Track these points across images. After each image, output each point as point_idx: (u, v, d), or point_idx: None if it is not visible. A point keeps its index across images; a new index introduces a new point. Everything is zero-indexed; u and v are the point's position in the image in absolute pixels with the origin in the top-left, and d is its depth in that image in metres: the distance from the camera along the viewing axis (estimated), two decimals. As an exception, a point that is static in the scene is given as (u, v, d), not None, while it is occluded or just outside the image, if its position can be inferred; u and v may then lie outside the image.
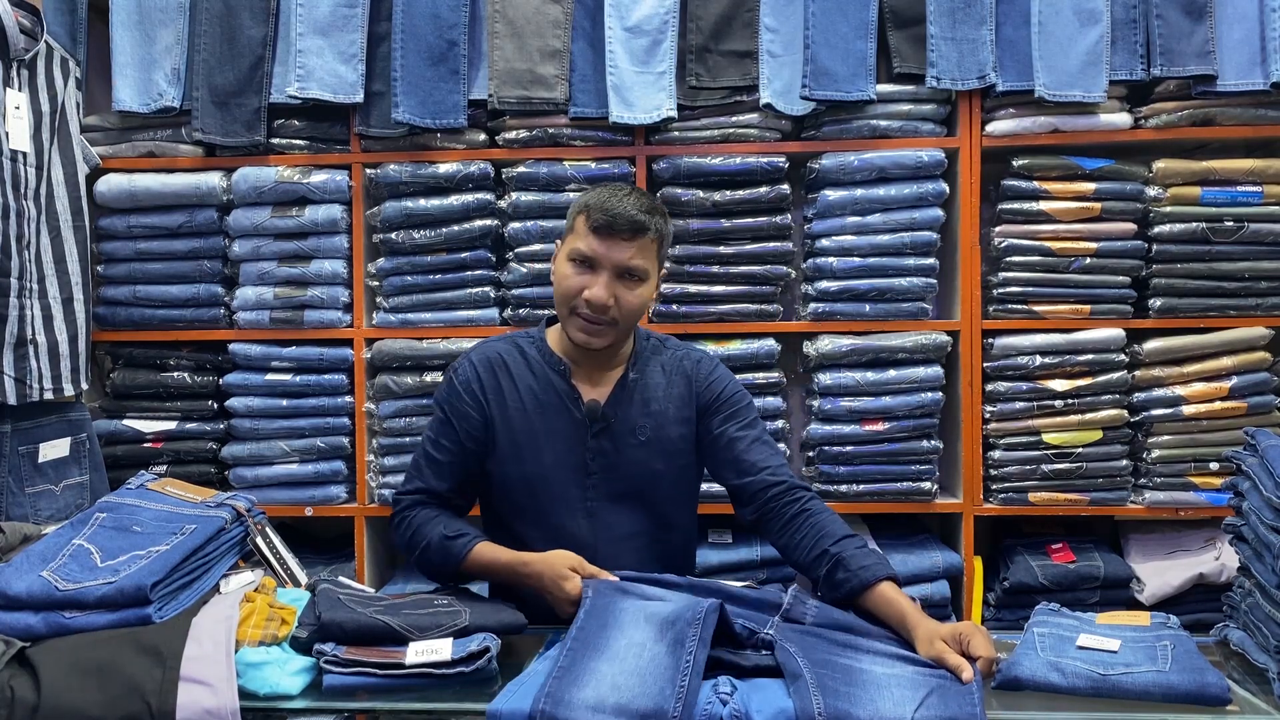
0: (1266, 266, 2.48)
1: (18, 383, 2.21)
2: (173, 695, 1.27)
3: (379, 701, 1.35)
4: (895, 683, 1.27)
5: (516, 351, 1.80)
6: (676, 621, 1.34)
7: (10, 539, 1.57)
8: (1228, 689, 1.33)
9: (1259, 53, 2.44)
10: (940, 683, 1.27)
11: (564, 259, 1.70)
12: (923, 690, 1.25)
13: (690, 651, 1.25)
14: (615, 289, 1.66)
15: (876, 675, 1.28)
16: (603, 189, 1.70)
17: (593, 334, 1.69)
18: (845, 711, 1.19)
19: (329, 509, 2.63)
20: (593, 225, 1.65)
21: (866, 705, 1.21)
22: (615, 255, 1.65)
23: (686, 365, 1.80)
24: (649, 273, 1.70)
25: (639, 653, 1.28)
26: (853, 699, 1.22)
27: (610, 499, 1.75)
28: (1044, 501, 2.51)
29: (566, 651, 1.30)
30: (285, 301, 2.60)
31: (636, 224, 1.65)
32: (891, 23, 2.56)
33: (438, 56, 2.55)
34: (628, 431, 1.75)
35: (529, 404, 1.75)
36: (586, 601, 1.43)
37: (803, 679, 1.25)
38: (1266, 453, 1.50)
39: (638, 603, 1.43)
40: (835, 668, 1.29)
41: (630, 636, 1.33)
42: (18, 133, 2.23)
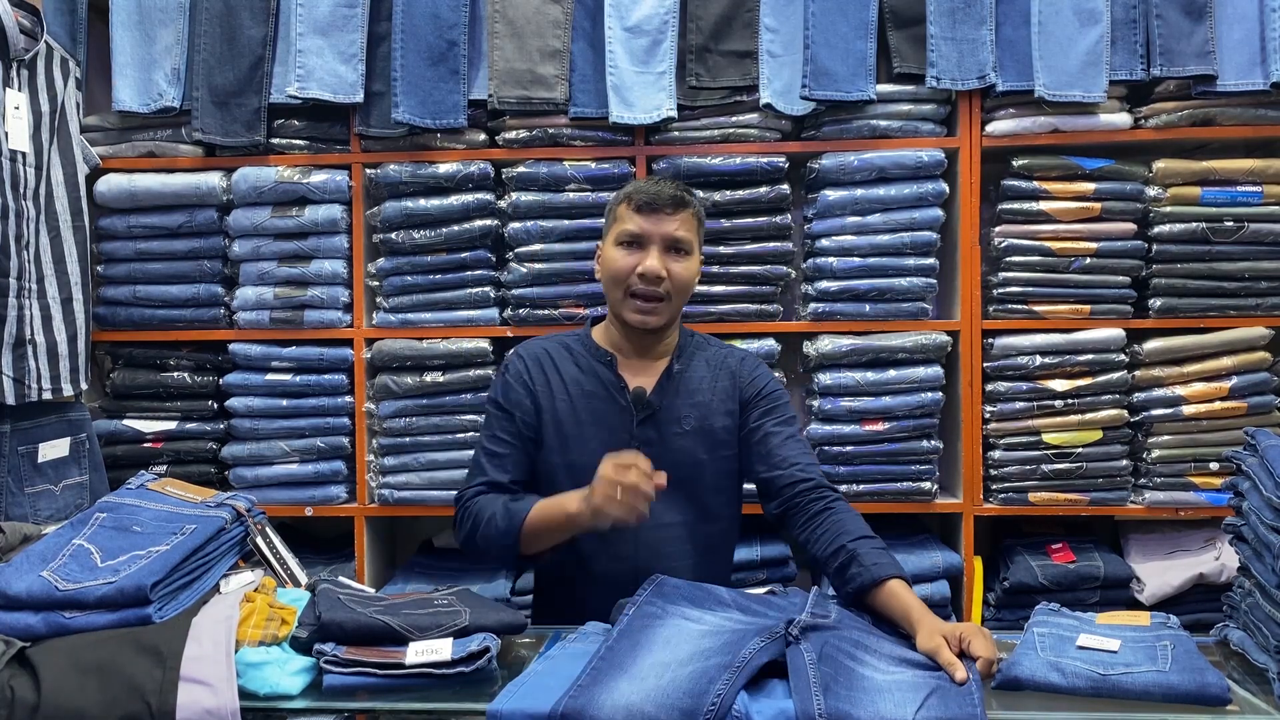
0: (1266, 266, 2.48)
1: (16, 383, 2.21)
2: (173, 695, 1.27)
3: (379, 701, 1.35)
4: (896, 686, 1.27)
5: (562, 347, 1.88)
6: (710, 656, 1.30)
7: (10, 539, 1.57)
8: (1228, 689, 1.33)
9: (1259, 53, 2.44)
10: (940, 684, 1.27)
11: (611, 245, 1.80)
12: (923, 692, 1.25)
13: (719, 694, 1.21)
14: (665, 261, 1.76)
15: (878, 681, 1.28)
16: (636, 180, 1.83)
17: (648, 312, 1.77)
18: (845, 712, 1.19)
19: (329, 509, 2.64)
20: (636, 206, 1.76)
21: (867, 706, 1.21)
22: (663, 229, 1.76)
23: (731, 361, 1.88)
24: (694, 246, 1.80)
25: (660, 673, 1.26)
26: (853, 701, 1.22)
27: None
28: (1044, 501, 2.51)
29: (590, 670, 1.28)
30: (285, 301, 2.60)
31: (678, 199, 1.77)
32: (891, 23, 2.56)
33: (438, 56, 2.56)
34: (673, 420, 1.80)
35: (575, 395, 1.81)
36: (624, 620, 1.41)
37: (804, 677, 1.24)
38: (1266, 453, 1.50)
39: (676, 623, 1.41)
40: (839, 669, 1.29)
41: (657, 656, 1.31)
42: (17, 133, 2.23)
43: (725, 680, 1.23)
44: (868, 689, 1.26)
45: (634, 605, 1.45)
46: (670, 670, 1.27)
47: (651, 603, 1.47)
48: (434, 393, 2.58)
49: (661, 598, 1.49)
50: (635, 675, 1.27)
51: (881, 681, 1.28)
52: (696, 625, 1.41)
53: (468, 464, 2.57)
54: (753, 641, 1.31)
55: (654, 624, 1.40)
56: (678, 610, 1.45)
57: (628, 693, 1.22)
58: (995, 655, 1.35)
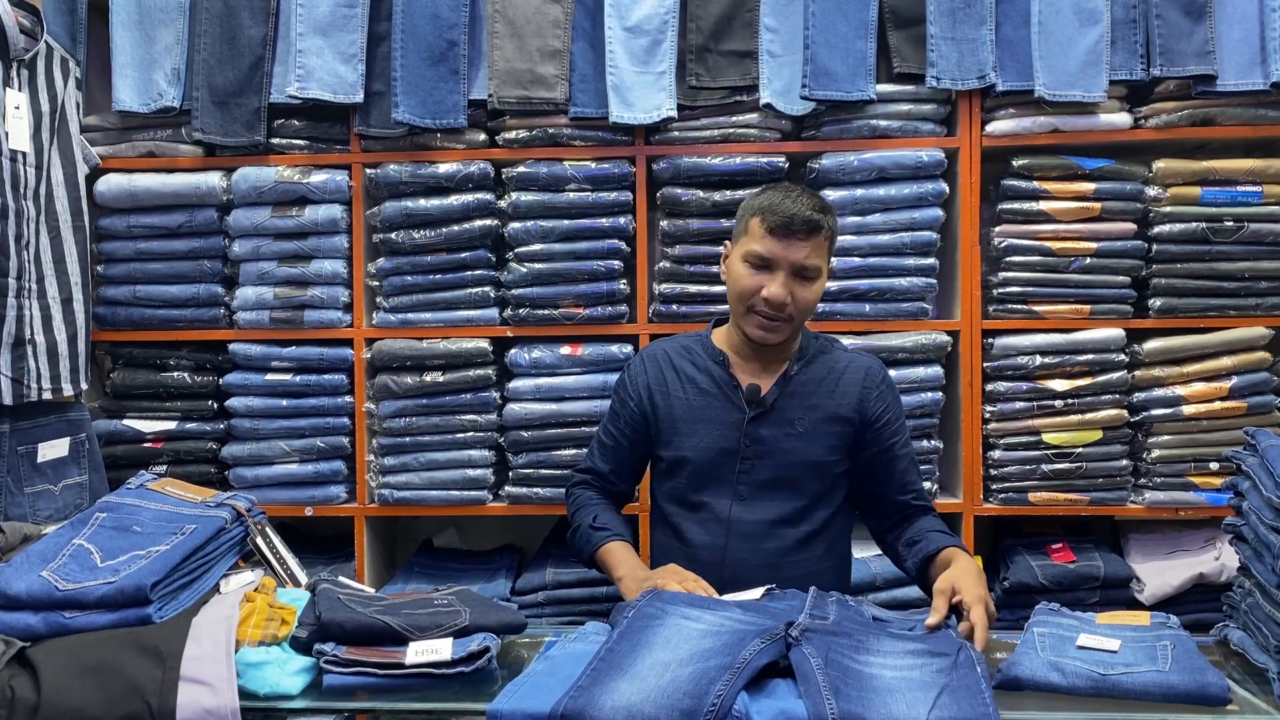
0: (1266, 266, 2.48)
1: (14, 383, 2.21)
2: (173, 695, 1.27)
3: (379, 701, 1.35)
4: (906, 685, 1.27)
5: (682, 348, 1.92)
6: (710, 657, 1.30)
7: (10, 539, 1.57)
8: (1228, 689, 1.33)
9: (1259, 53, 2.44)
10: (949, 682, 1.27)
11: (738, 260, 1.78)
12: (933, 690, 1.24)
13: (719, 694, 1.22)
14: (791, 287, 1.74)
15: (886, 680, 1.28)
16: (773, 190, 1.78)
17: (770, 330, 1.77)
18: (858, 715, 1.19)
19: (329, 509, 2.64)
20: (769, 227, 1.72)
21: (879, 708, 1.21)
22: (792, 255, 1.72)
23: (855, 370, 1.87)
24: (821, 270, 1.77)
25: (660, 673, 1.26)
26: (865, 702, 1.22)
27: (760, 486, 1.80)
28: (1044, 501, 2.51)
29: (590, 671, 1.28)
30: (285, 301, 2.60)
31: (812, 224, 1.72)
32: (891, 23, 2.56)
33: (438, 56, 2.56)
34: (786, 421, 1.81)
35: (690, 393, 1.85)
36: (624, 622, 1.41)
37: (814, 681, 1.24)
38: (1266, 453, 1.50)
39: (676, 623, 1.41)
40: (848, 672, 1.28)
41: (657, 656, 1.31)
42: (17, 133, 2.23)
43: (725, 681, 1.23)
44: (878, 689, 1.25)
45: (633, 608, 1.45)
46: (670, 670, 1.26)
47: (651, 605, 1.46)
48: (434, 393, 2.58)
49: (661, 600, 1.48)
50: (635, 675, 1.26)
51: (891, 680, 1.28)
52: (696, 625, 1.40)
53: (468, 464, 2.62)
54: (753, 643, 1.31)
55: (653, 625, 1.40)
56: (677, 610, 1.44)
57: (628, 693, 1.22)
58: (984, 632, 1.44)
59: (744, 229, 1.78)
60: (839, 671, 1.28)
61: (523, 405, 2.57)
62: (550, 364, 2.57)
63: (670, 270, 2.57)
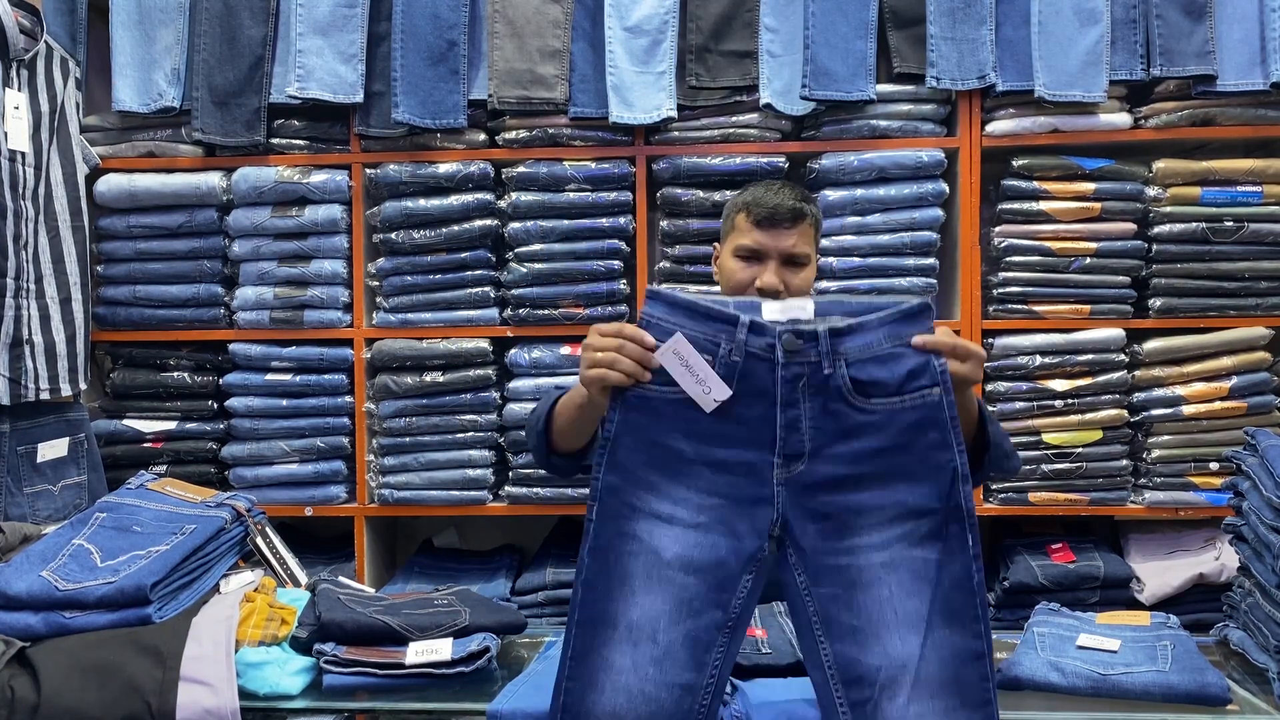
0: (1266, 266, 2.48)
1: (12, 383, 2.21)
2: (173, 695, 1.27)
3: (379, 701, 1.35)
4: (896, 581, 1.20)
5: None
6: (700, 609, 1.21)
7: (10, 539, 1.57)
8: (1228, 689, 1.33)
9: (1259, 53, 2.44)
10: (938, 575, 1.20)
11: (729, 256, 1.80)
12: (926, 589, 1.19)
13: (716, 663, 1.20)
14: (783, 275, 1.75)
15: (876, 572, 1.20)
16: (754, 186, 1.81)
17: None
18: (853, 659, 1.18)
19: (329, 509, 2.63)
20: (755, 220, 1.75)
21: (874, 648, 1.18)
22: (781, 244, 1.74)
23: None
24: (810, 257, 1.79)
25: (652, 636, 1.20)
26: (859, 640, 1.18)
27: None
28: (1044, 501, 2.51)
29: (576, 626, 1.21)
30: (285, 301, 2.60)
31: (796, 211, 1.75)
32: (891, 23, 2.56)
33: (438, 56, 2.56)
34: None
35: None
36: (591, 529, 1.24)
37: (804, 616, 1.20)
38: (1266, 453, 1.50)
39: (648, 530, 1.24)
40: (836, 577, 1.21)
41: (643, 605, 1.22)
42: (17, 133, 2.23)
43: (721, 646, 1.20)
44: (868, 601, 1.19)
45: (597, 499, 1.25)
46: (662, 633, 1.21)
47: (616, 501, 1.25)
48: (434, 393, 2.58)
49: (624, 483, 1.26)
50: (624, 637, 1.21)
51: (880, 570, 1.20)
52: (668, 536, 1.24)
53: (468, 464, 2.62)
54: (743, 580, 1.22)
55: (626, 542, 1.24)
56: (645, 504, 1.25)
57: (625, 670, 1.19)
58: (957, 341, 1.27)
59: (730, 226, 1.81)
60: (829, 584, 1.20)
61: (522, 405, 2.57)
62: (550, 364, 2.57)
63: (670, 270, 2.57)
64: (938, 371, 1.21)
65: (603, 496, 1.25)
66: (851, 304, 1.25)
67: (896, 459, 1.22)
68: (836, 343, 1.22)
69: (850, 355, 1.22)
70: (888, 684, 1.18)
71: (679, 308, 1.25)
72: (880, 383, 1.22)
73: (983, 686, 1.17)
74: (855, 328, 1.22)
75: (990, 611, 2.50)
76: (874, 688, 1.18)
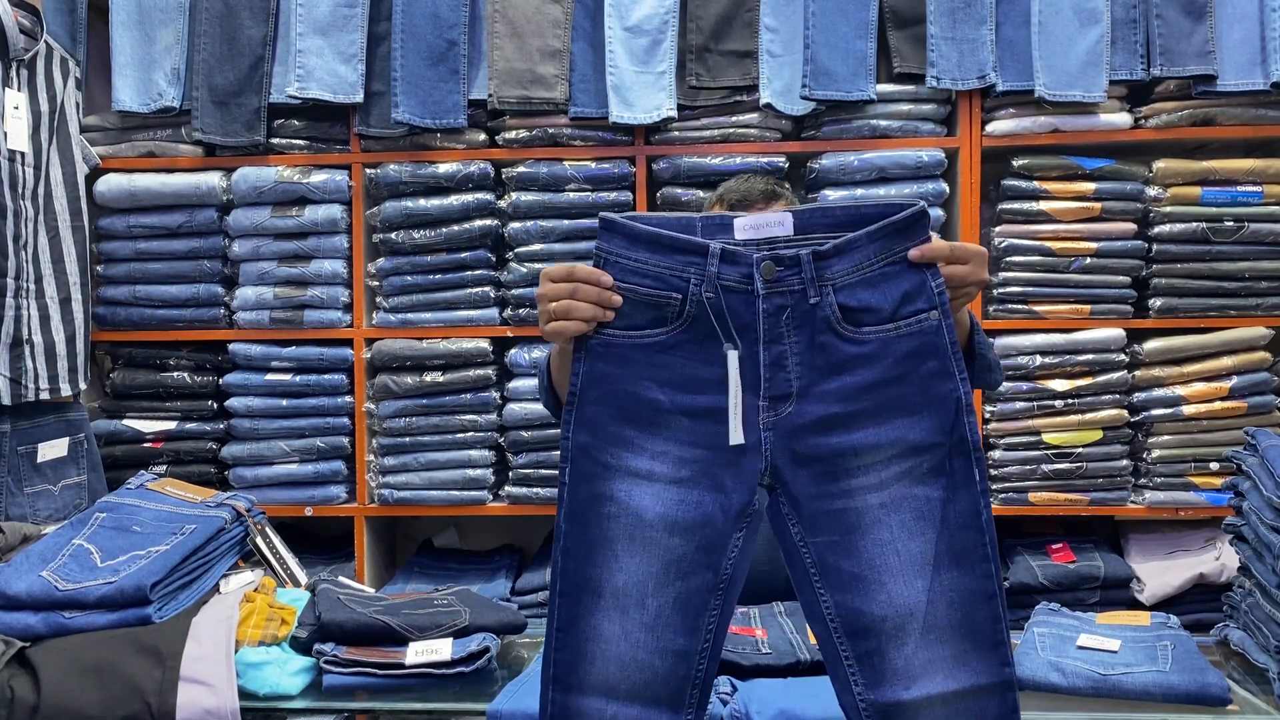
0: (1266, 266, 2.48)
1: (13, 383, 2.21)
2: (173, 695, 1.27)
3: (379, 701, 1.35)
4: (897, 523, 1.13)
5: None
6: (689, 571, 1.14)
7: (10, 539, 1.57)
8: (1228, 689, 1.33)
9: (1259, 53, 2.44)
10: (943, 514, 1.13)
11: None
12: (930, 530, 1.12)
13: (710, 627, 1.13)
14: None
15: (875, 515, 1.13)
16: (728, 180, 1.87)
17: None
18: (856, 609, 1.12)
19: (329, 509, 2.63)
20: (729, 205, 1.78)
21: (878, 596, 1.11)
22: None
23: None
24: None
25: (640, 601, 1.13)
26: (861, 588, 1.12)
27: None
28: (1044, 501, 2.51)
29: (560, 595, 1.14)
30: (285, 301, 2.60)
31: (769, 193, 1.79)
32: (891, 23, 2.56)
33: (438, 56, 2.56)
34: None
35: None
36: (565, 495, 1.16)
37: (801, 568, 1.14)
38: (1266, 453, 1.50)
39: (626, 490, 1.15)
40: (833, 523, 1.13)
41: (628, 569, 1.14)
42: (16, 133, 2.23)
43: (714, 609, 1.14)
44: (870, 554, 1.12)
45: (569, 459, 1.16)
46: (650, 598, 1.14)
47: (588, 460, 1.16)
48: (434, 393, 2.58)
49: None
50: (611, 605, 1.14)
51: (877, 511, 1.13)
52: (649, 494, 1.15)
53: (468, 464, 2.61)
54: (733, 539, 1.14)
55: (603, 504, 1.15)
56: (620, 461, 1.16)
57: (615, 638, 1.13)
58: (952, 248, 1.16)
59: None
60: (826, 531, 1.13)
61: (523, 405, 2.57)
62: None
63: (670, 270, 2.57)
64: (935, 293, 1.11)
65: (574, 457, 1.15)
66: (835, 211, 1.13)
67: (893, 392, 1.12)
68: (822, 267, 1.11)
69: (838, 280, 1.11)
70: (894, 632, 1.11)
71: (639, 241, 1.13)
72: (872, 309, 1.11)
73: (995, 629, 1.11)
74: (842, 248, 1.11)
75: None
76: (880, 637, 1.12)
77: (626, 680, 1.13)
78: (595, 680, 1.13)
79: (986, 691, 1.12)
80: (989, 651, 1.12)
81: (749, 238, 1.13)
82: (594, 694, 1.13)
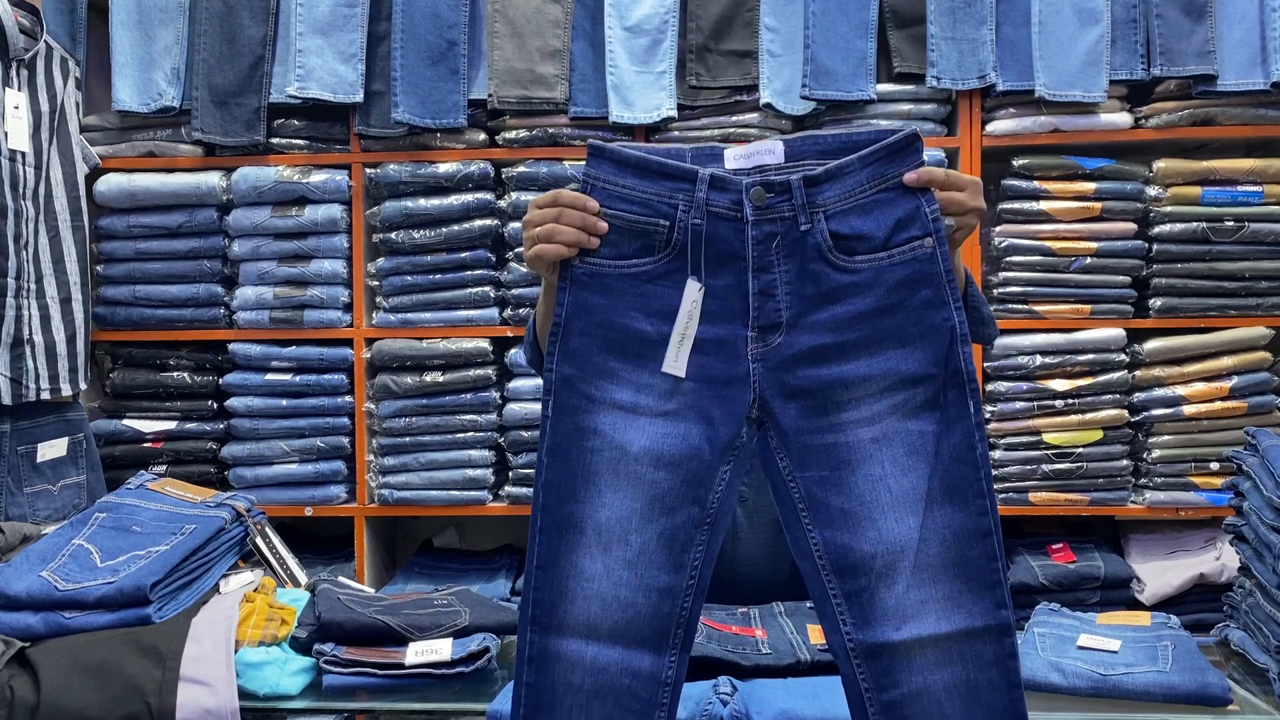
0: (1267, 266, 2.48)
1: (13, 383, 2.21)
2: (173, 695, 1.27)
3: (379, 701, 1.35)
4: (889, 458, 1.10)
5: None
6: (675, 506, 1.11)
7: (10, 539, 1.57)
8: (1228, 689, 1.33)
9: (1259, 52, 2.44)
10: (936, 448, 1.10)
11: None
12: (923, 465, 1.09)
13: (696, 562, 1.10)
14: None
15: (866, 449, 1.10)
16: None
17: None
18: (845, 545, 1.09)
19: (329, 509, 2.63)
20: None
21: (867, 531, 1.08)
22: None
23: None
24: None
25: (624, 538, 1.10)
26: (851, 524, 1.09)
27: (761, 483, 1.72)
28: (1044, 501, 2.51)
29: (540, 532, 1.11)
30: (285, 301, 2.60)
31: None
32: (892, 22, 2.56)
33: (437, 56, 2.55)
34: None
35: None
36: (548, 426, 1.13)
37: (789, 504, 1.11)
38: (1267, 453, 1.50)
39: (611, 423, 1.13)
40: (822, 458, 1.11)
41: (611, 505, 1.11)
42: (16, 133, 2.23)
43: (700, 544, 1.11)
44: (857, 481, 1.10)
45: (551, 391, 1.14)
46: (634, 534, 1.11)
47: (571, 393, 1.14)
48: (434, 393, 2.58)
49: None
50: (593, 540, 1.11)
51: (869, 446, 1.10)
52: (634, 427, 1.13)
53: (468, 464, 2.61)
54: (720, 472, 1.12)
55: (587, 438, 1.13)
56: (605, 394, 1.14)
57: (596, 576, 1.10)
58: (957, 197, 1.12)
59: None
60: (816, 466, 1.11)
61: (523, 405, 2.57)
62: (550, 364, 2.57)
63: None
64: (929, 219, 1.08)
65: (558, 389, 1.12)
66: (827, 138, 1.11)
67: (886, 322, 1.09)
68: (813, 193, 1.08)
69: (829, 206, 1.08)
70: (884, 571, 1.08)
71: (627, 166, 1.11)
72: (865, 236, 1.08)
73: (990, 568, 1.09)
74: (834, 172, 1.08)
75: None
76: (869, 575, 1.08)
77: (608, 620, 1.10)
78: (576, 620, 1.10)
79: (981, 635, 1.09)
80: (984, 592, 1.09)
81: (739, 167, 1.11)
82: (574, 635, 1.10)
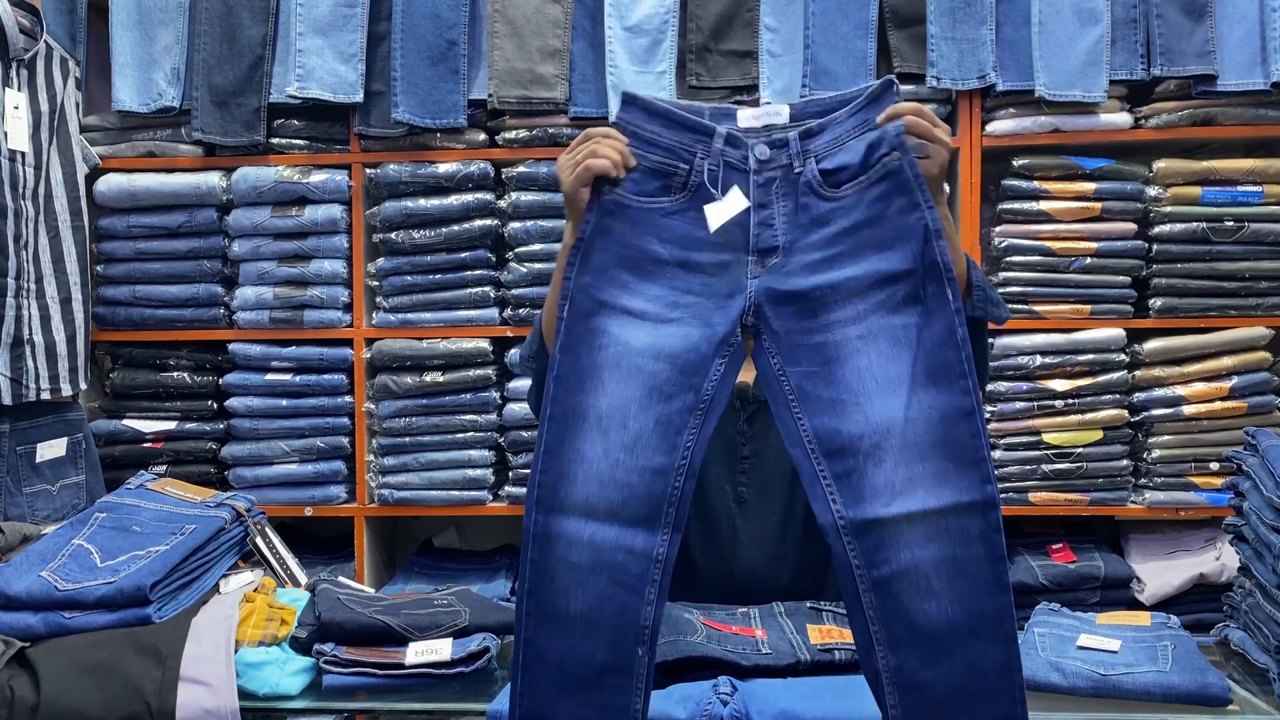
0: (1267, 266, 2.48)
1: (13, 383, 2.21)
2: (172, 695, 1.27)
3: (379, 701, 1.35)
4: (875, 351, 1.18)
5: None
6: (671, 394, 1.20)
7: (10, 539, 1.56)
8: (1228, 689, 1.33)
9: (1259, 52, 2.44)
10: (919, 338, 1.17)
11: None
12: (907, 354, 1.17)
13: (688, 446, 1.18)
14: None
15: (853, 345, 1.19)
16: None
17: None
18: (833, 429, 1.16)
19: (329, 509, 2.63)
20: None
21: (854, 417, 1.16)
22: None
23: None
24: None
25: (622, 423, 1.20)
26: (838, 410, 1.16)
27: (761, 485, 1.75)
28: (1044, 501, 2.51)
29: (549, 421, 1.20)
30: (285, 301, 2.60)
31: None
32: (892, 22, 2.56)
33: (437, 56, 2.55)
34: None
35: None
36: (562, 328, 1.23)
37: (781, 398, 1.19)
38: (1267, 453, 1.50)
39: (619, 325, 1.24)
40: (812, 355, 1.20)
41: (613, 394, 1.21)
42: (16, 133, 2.23)
43: (693, 429, 1.19)
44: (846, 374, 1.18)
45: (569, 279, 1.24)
46: (632, 419, 1.20)
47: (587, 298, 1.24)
48: (434, 393, 2.58)
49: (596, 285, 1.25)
50: (594, 425, 1.20)
51: (855, 341, 1.19)
52: (640, 330, 1.23)
53: (467, 464, 2.61)
54: (715, 364, 1.21)
55: (597, 336, 1.23)
56: (616, 300, 1.24)
57: (596, 459, 1.19)
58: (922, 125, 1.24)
59: None
60: (806, 362, 1.19)
61: (522, 405, 2.57)
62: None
63: (670, 270, 2.57)
64: (894, 135, 1.20)
65: (574, 295, 1.24)
66: (827, 100, 1.28)
67: (867, 232, 1.21)
68: (807, 144, 1.24)
69: (819, 151, 1.24)
70: (871, 450, 1.15)
71: (656, 115, 1.27)
72: (846, 166, 1.22)
73: (974, 445, 1.14)
74: (825, 125, 1.25)
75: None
76: (858, 455, 1.15)
77: (605, 500, 1.18)
78: (576, 501, 1.19)
79: (968, 509, 1.14)
80: (970, 468, 1.14)
81: (750, 126, 1.28)
82: (574, 514, 1.19)
